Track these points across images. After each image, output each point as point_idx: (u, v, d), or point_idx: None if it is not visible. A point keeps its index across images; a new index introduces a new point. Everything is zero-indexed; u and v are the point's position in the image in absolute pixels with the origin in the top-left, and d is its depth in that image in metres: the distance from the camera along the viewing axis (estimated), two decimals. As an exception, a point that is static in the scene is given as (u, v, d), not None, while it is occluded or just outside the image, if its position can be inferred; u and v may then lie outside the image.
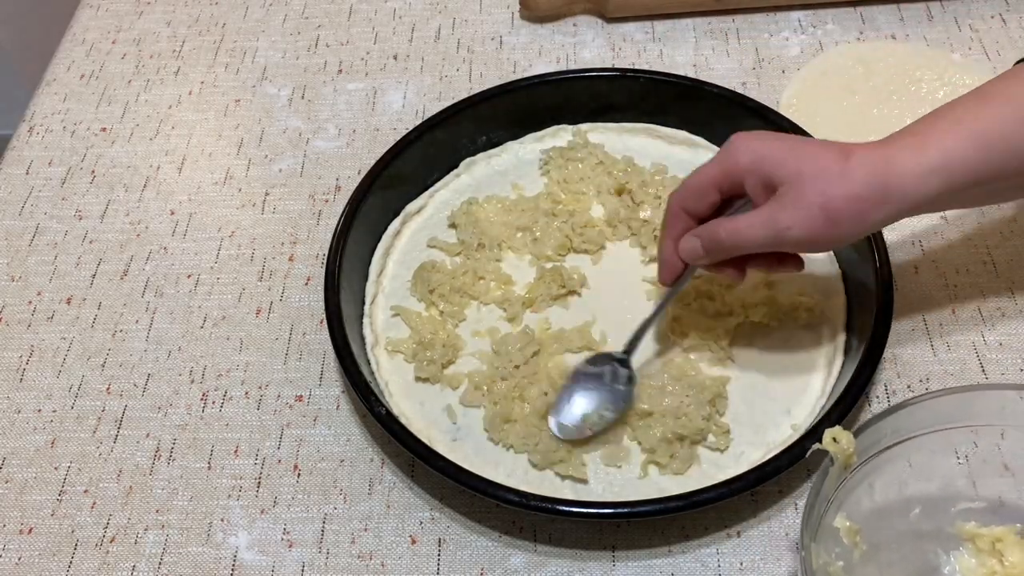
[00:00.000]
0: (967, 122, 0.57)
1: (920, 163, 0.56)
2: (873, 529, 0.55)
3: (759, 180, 0.59)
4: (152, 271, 0.78)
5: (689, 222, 0.64)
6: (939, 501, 0.57)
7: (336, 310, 0.68)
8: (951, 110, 0.58)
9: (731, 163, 0.60)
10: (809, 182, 0.57)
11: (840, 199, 0.56)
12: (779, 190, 0.58)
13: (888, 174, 0.56)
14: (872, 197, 0.56)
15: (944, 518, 0.57)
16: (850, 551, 0.53)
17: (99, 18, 1.00)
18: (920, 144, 0.57)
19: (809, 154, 0.58)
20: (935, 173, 0.56)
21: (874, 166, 0.57)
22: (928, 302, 0.72)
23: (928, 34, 0.91)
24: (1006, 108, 0.57)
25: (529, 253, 0.76)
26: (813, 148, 0.59)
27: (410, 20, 0.97)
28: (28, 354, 0.73)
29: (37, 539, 0.64)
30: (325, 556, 0.62)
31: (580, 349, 0.70)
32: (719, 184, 0.61)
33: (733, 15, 0.94)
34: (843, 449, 0.52)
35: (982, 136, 0.56)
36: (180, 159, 0.86)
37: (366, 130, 0.87)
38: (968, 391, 0.55)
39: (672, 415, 0.65)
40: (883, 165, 0.57)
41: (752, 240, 0.60)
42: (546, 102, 0.82)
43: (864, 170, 0.57)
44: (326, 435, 0.68)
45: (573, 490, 0.63)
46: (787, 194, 0.58)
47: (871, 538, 0.54)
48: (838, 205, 0.56)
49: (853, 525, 0.53)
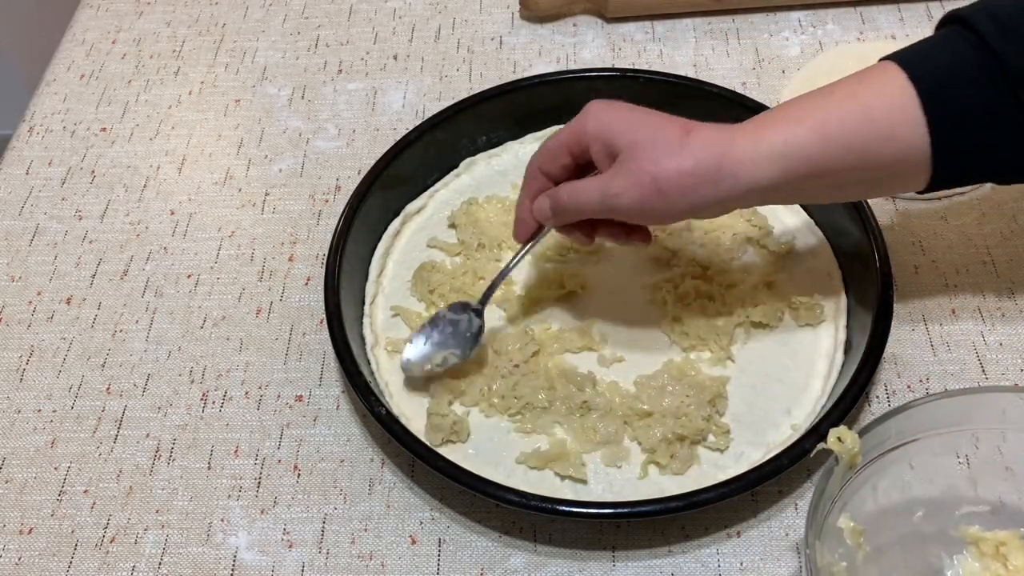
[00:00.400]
0: (810, 112, 0.58)
1: (757, 148, 0.57)
2: (877, 531, 0.55)
3: (603, 147, 0.60)
4: (152, 271, 0.78)
5: (545, 183, 0.65)
6: (942, 504, 0.57)
7: (336, 310, 0.68)
8: (798, 103, 0.59)
9: (579, 128, 0.62)
10: (645, 152, 0.58)
11: (670, 171, 0.57)
12: (618, 158, 0.59)
13: (724, 155, 0.57)
14: (703, 174, 0.57)
15: (947, 521, 0.57)
16: (854, 552, 0.53)
17: (99, 18, 1.00)
18: (761, 130, 0.58)
19: (651, 125, 0.59)
20: (770, 159, 0.57)
21: (711, 144, 0.58)
22: (928, 302, 0.72)
23: (928, 34, 0.90)
24: (850, 104, 0.57)
25: (529, 253, 0.76)
26: (657, 120, 0.60)
27: (410, 20, 0.97)
28: (28, 354, 0.73)
29: (37, 539, 0.64)
30: (325, 556, 0.62)
31: (580, 349, 0.70)
32: (569, 147, 0.63)
33: (733, 15, 0.94)
34: (848, 449, 0.52)
35: (821, 128, 0.57)
36: (180, 159, 0.86)
37: (366, 130, 0.87)
38: (970, 394, 0.55)
39: (672, 415, 0.65)
40: (720, 145, 0.58)
41: (586, 203, 0.61)
42: (546, 102, 0.82)
43: (700, 146, 0.58)
44: (326, 435, 0.68)
45: (573, 490, 0.63)
46: (624, 162, 0.59)
47: (874, 540, 0.54)
48: (668, 176, 0.57)
49: (857, 526, 0.53)
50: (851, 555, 0.53)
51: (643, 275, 0.74)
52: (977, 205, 0.77)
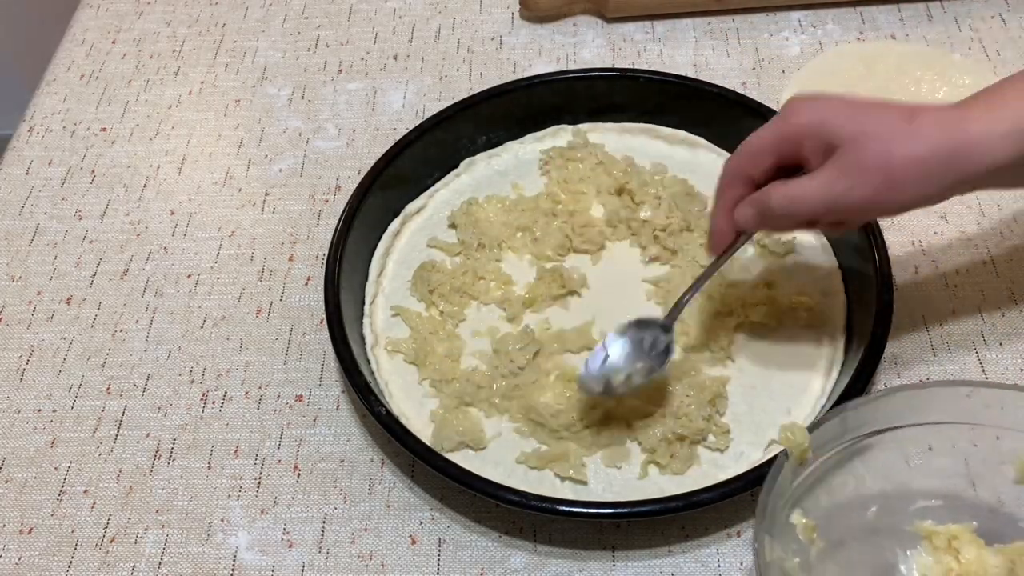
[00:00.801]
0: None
1: (994, 126, 0.52)
2: (831, 526, 0.54)
3: (819, 142, 0.55)
4: (152, 271, 0.78)
5: (744, 189, 0.60)
6: (895, 499, 0.57)
7: (336, 310, 0.68)
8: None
9: (790, 124, 0.57)
10: (871, 141, 0.53)
11: (903, 160, 0.52)
12: (837, 151, 0.54)
13: (958, 136, 0.52)
14: (938, 159, 0.52)
15: (901, 516, 0.57)
16: (807, 548, 0.53)
17: (99, 18, 1.00)
18: (994, 105, 0.53)
19: (873, 112, 0.54)
20: (1010, 136, 0.52)
21: (943, 126, 0.53)
22: (928, 302, 0.72)
23: (928, 34, 0.91)
24: None
25: (529, 253, 0.76)
26: (878, 107, 0.55)
27: (410, 20, 0.97)
28: (28, 354, 0.73)
29: (37, 539, 0.64)
30: (325, 556, 0.62)
31: (580, 349, 0.70)
32: (777, 147, 0.58)
33: (733, 15, 0.94)
34: (797, 444, 0.52)
35: None
36: (180, 159, 0.86)
37: (366, 130, 0.87)
38: (923, 388, 0.55)
39: (672, 415, 0.65)
40: (954, 124, 0.53)
41: (807, 207, 0.56)
42: (546, 102, 0.82)
43: (932, 129, 0.53)
44: (326, 435, 0.68)
45: (573, 490, 0.63)
46: (845, 155, 0.54)
47: (829, 535, 0.54)
48: (901, 165, 0.53)
49: (809, 522, 0.53)
50: (804, 551, 0.53)
51: (643, 275, 0.74)
52: (977, 205, 0.77)
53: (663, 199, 0.76)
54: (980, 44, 0.89)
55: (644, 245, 0.75)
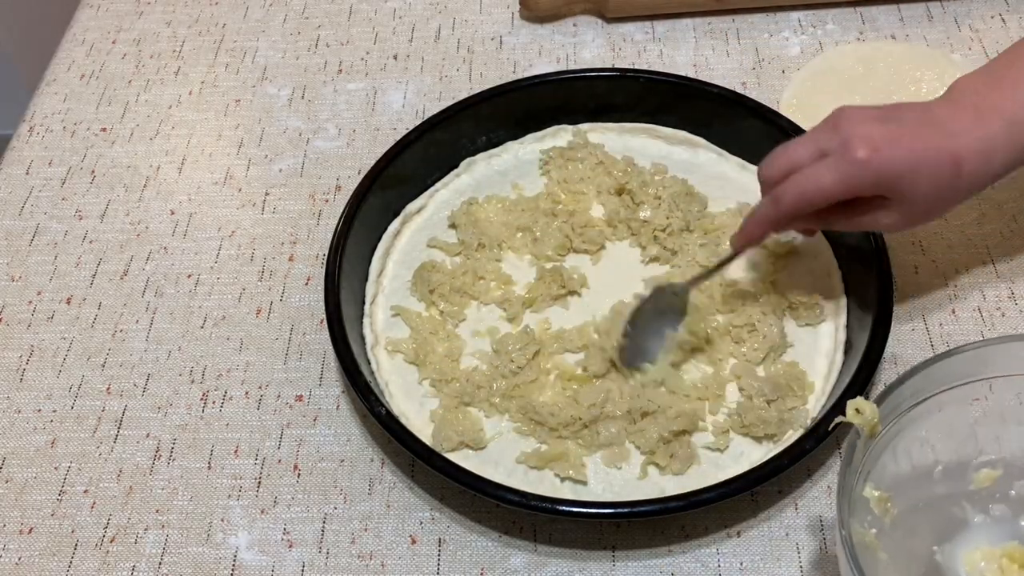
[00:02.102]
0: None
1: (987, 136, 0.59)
2: (900, 494, 0.54)
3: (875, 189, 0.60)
4: (152, 271, 0.78)
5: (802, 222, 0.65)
6: (960, 457, 0.57)
7: (336, 310, 0.68)
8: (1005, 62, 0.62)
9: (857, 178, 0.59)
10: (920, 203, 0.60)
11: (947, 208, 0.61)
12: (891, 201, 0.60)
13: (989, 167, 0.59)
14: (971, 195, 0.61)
15: (965, 473, 0.57)
16: (881, 519, 0.53)
17: (99, 18, 1.00)
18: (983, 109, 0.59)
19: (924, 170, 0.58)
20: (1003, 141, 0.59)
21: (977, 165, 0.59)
22: (928, 302, 0.72)
23: (928, 34, 0.91)
24: None
25: (529, 253, 0.76)
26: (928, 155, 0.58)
27: (410, 20, 0.97)
28: (28, 354, 0.73)
29: (37, 539, 0.64)
30: (325, 556, 0.62)
31: (580, 349, 0.70)
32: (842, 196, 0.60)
33: (733, 15, 0.94)
34: (868, 420, 0.52)
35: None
36: (180, 159, 0.86)
37: (366, 130, 0.87)
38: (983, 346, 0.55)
39: (669, 415, 0.64)
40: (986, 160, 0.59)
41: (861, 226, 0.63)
42: (546, 102, 0.82)
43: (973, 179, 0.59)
44: (326, 435, 0.68)
45: (573, 490, 0.63)
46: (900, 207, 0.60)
47: (898, 503, 0.54)
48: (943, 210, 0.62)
49: (883, 494, 0.53)
50: (879, 522, 0.53)
51: (643, 275, 0.74)
52: (977, 205, 0.77)
53: (663, 199, 0.76)
54: (980, 44, 0.89)
55: (644, 245, 0.75)
